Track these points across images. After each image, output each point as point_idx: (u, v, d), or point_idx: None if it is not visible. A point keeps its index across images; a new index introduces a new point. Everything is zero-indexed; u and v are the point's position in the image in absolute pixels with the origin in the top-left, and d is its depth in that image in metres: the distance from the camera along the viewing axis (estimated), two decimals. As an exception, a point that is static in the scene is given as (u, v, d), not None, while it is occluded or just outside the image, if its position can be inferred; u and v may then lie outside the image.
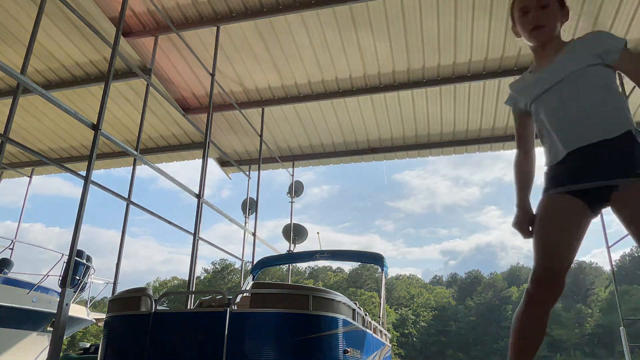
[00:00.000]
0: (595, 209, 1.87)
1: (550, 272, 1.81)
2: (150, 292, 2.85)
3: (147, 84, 5.38)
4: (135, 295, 2.87)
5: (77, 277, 8.01)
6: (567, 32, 5.54)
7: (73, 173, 3.83)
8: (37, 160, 9.01)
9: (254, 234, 6.75)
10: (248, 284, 5.96)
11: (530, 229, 1.96)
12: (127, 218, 4.85)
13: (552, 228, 1.86)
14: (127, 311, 2.85)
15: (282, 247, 8.33)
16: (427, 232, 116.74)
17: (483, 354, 55.78)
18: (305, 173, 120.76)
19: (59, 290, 3.01)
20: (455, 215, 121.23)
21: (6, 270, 8.20)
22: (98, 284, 8.73)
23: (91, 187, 3.69)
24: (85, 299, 9.28)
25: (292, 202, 8.64)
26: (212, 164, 8.86)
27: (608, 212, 1.90)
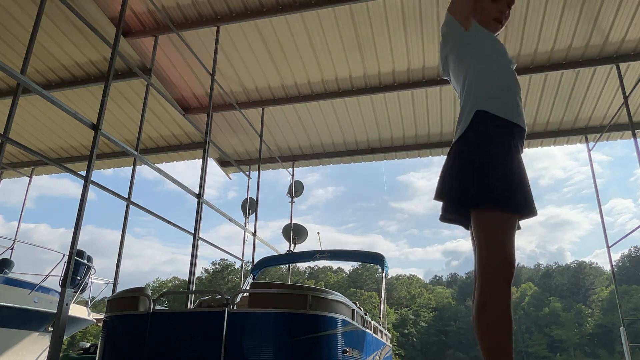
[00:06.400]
0: None
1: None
2: (149, 292, 2.85)
3: (147, 84, 5.38)
4: (134, 295, 2.87)
5: (78, 277, 8.00)
6: (566, 33, 5.53)
7: (73, 173, 3.83)
8: (37, 160, 9.02)
9: (254, 234, 6.75)
10: (248, 284, 5.96)
11: None
12: (127, 218, 4.86)
13: None
14: (126, 311, 2.85)
15: (283, 247, 8.33)
16: (430, 233, 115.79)
17: (483, 354, 55.56)
18: (311, 174, 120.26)
19: (60, 290, 3.01)
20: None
21: (7, 271, 8.20)
22: (99, 284, 8.74)
23: (97, 188, 3.69)
24: (85, 299, 9.28)
25: (292, 202, 8.66)
26: (215, 165, 8.87)
27: (609, 214, 1.88)
